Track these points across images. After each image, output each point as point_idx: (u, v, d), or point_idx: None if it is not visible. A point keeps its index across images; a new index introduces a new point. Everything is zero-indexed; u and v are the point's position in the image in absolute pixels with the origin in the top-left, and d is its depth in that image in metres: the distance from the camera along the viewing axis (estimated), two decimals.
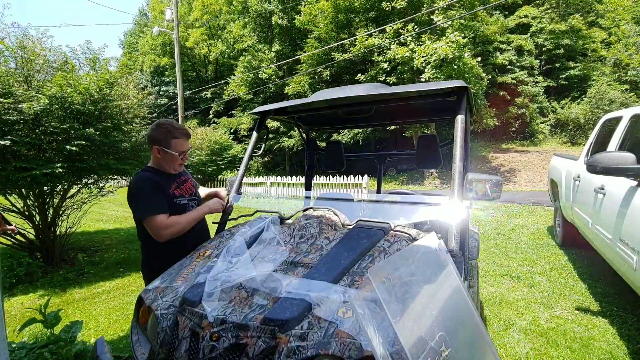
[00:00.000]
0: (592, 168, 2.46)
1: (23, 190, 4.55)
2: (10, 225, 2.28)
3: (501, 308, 3.14)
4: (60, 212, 5.02)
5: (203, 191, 2.24)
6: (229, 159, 15.20)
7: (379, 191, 3.23)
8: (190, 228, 1.85)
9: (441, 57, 11.93)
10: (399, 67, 14.01)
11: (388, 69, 14.13)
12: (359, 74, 15.19)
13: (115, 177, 5.59)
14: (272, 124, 16.50)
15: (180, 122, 17.37)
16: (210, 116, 24.70)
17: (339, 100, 1.92)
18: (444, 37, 12.31)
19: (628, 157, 2.28)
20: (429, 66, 12.42)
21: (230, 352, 1.09)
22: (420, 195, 2.54)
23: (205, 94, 25.37)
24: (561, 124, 18.60)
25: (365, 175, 11.65)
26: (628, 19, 18.19)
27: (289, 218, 1.87)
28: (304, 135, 2.96)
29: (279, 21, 20.07)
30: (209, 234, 2.07)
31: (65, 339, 2.28)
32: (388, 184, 15.94)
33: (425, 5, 13.39)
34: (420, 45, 12.69)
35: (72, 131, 4.18)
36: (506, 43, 17.88)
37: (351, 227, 1.60)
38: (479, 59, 13.47)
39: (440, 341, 0.94)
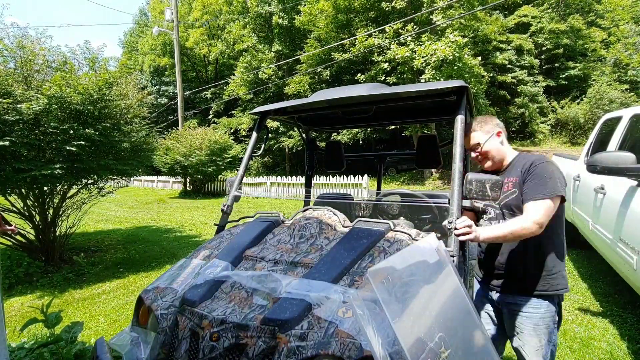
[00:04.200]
0: (592, 168, 2.46)
1: (23, 190, 4.54)
2: (10, 225, 2.28)
3: None
4: (60, 213, 5.02)
5: None
6: (229, 159, 15.18)
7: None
8: None
9: (441, 58, 11.93)
10: (399, 67, 14.00)
11: (388, 69, 14.12)
12: (359, 74, 15.19)
13: (115, 177, 5.59)
14: (272, 124, 16.50)
15: (180, 122, 17.36)
16: (210, 116, 24.66)
17: (339, 100, 1.92)
18: (444, 38, 12.30)
19: (628, 157, 2.28)
20: (429, 67, 12.42)
21: (230, 352, 1.09)
22: (420, 196, 2.54)
23: (205, 94, 25.34)
24: (561, 124, 18.59)
25: (365, 175, 11.66)
26: (627, 18, 18.17)
27: (289, 219, 1.87)
28: (304, 135, 2.96)
29: (279, 21, 20.06)
30: None
31: (66, 339, 2.28)
32: (388, 184, 15.94)
33: (425, 5, 13.38)
34: (420, 45, 12.69)
35: (72, 131, 4.17)
36: (506, 43, 17.85)
37: (351, 227, 1.60)
38: (479, 58, 13.46)
39: (439, 342, 0.94)
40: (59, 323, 2.34)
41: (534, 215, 1.40)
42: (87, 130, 4.23)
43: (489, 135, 1.66)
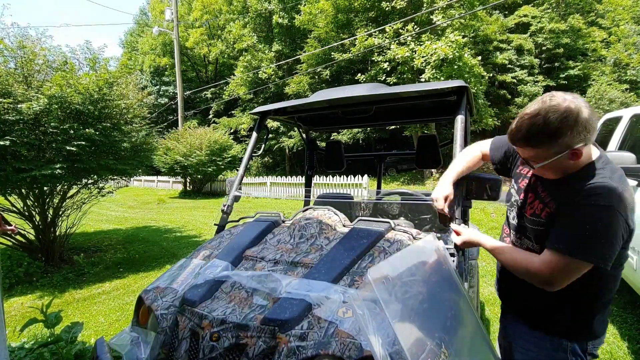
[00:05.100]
0: None
1: (23, 190, 4.54)
2: (10, 225, 2.28)
3: None
4: (60, 213, 5.02)
5: None
6: (229, 159, 15.18)
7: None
8: None
9: (440, 58, 11.94)
10: (399, 67, 14.01)
11: (388, 69, 14.13)
12: (359, 74, 15.19)
13: (115, 177, 5.59)
14: (272, 124, 16.50)
15: (180, 122, 17.36)
16: (210, 116, 24.66)
17: (339, 100, 1.92)
18: (444, 37, 12.30)
19: (628, 157, 2.29)
20: (429, 66, 12.43)
21: (230, 352, 1.09)
22: (421, 195, 2.54)
23: (205, 94, 25.34)
24: None
25: (365, 175, 11.66)
26: (628, 18, 18.17)
27: (289, 219, 1.87)
28: (304, 135, 2.96)
29: (280, 20, 20.07)
30: None
31: (66, 339, 2.28)
32: (388, 184, 15.93)
33: (425, 5, 13.39)
34: (420, 45, 12.70)
35: (72, 131, 4.17)
36: (506, 42, 17.86)
37: (351, 227, 1.60)
38: (479, 57, 13.46)
39: (439, 342, 0.94)
40: (59, 323, 2.34)
41: (544, 269, 1.04)
42: (87, 130, 4.23)
43: (553, 157, 1.03)
